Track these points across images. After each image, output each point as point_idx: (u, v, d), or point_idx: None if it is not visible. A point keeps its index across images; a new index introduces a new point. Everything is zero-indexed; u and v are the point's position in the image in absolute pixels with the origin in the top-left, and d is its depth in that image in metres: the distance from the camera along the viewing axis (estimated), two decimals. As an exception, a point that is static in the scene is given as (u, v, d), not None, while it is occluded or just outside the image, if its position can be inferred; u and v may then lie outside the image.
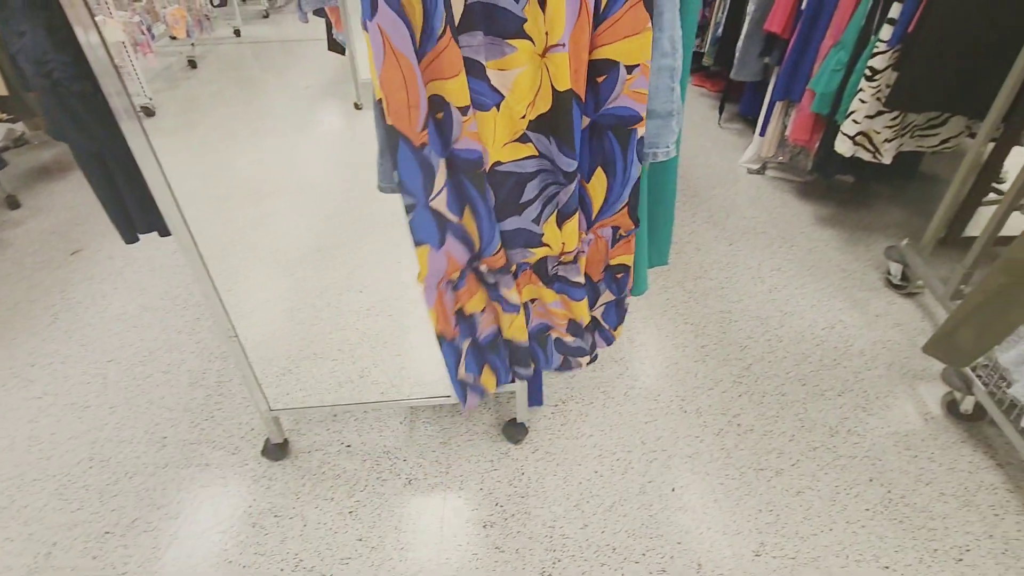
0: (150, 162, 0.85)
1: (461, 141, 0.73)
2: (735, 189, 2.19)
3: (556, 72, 0.70)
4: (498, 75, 0.71)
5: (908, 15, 1.43)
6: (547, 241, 0.86)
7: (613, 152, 0.78)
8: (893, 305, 1.61)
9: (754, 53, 2.11)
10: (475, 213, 0.79)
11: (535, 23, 0.67)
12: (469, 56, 0.69)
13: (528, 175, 0.80)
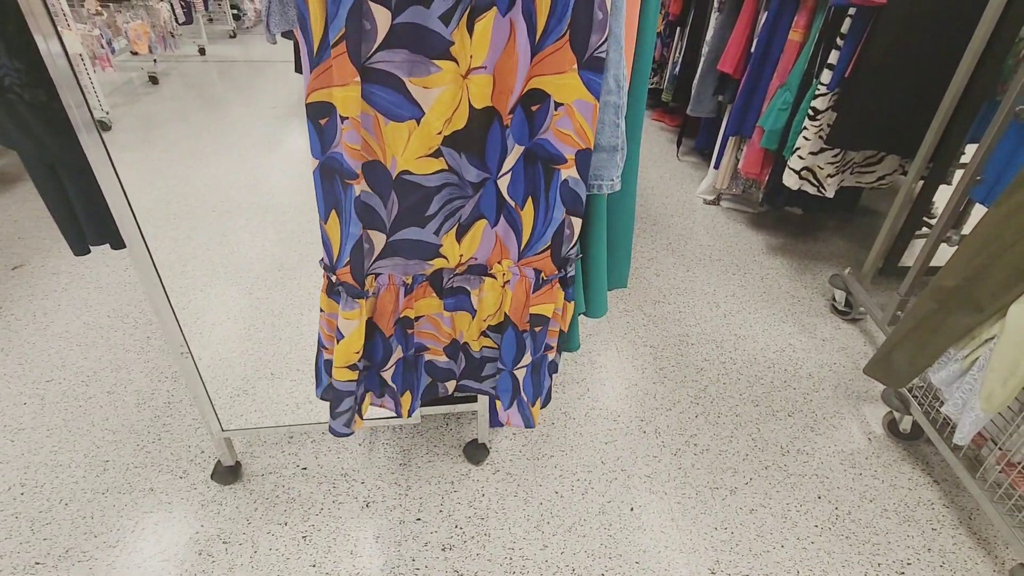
0: (108, 174, 0.83)
1: (338, 147, 0.74)
2: (692, 219, 2.28)
3: (476, 92, 0.73)
4: (420, 91, 0.73)
5: (845, 62, 1.55)
6: (444, 252, 0.87)
7: (539, 188, 0.81)
8: (838, 330, 1.70)
9: (709, 91, 2.23)
10: (340, 217, 0.80)
11: (461, 46, 0.71)
12: (389, 71, 0.71)
13: (434, 188, 0.81)
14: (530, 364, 0.95)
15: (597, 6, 0.68)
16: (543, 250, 0.85)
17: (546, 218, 0.83)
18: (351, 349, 0.88)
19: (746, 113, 1.97)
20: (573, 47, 0.70)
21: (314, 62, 0.69)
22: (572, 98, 0.74)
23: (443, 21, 0.69)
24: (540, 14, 0.69)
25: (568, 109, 0.74)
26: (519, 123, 0.76)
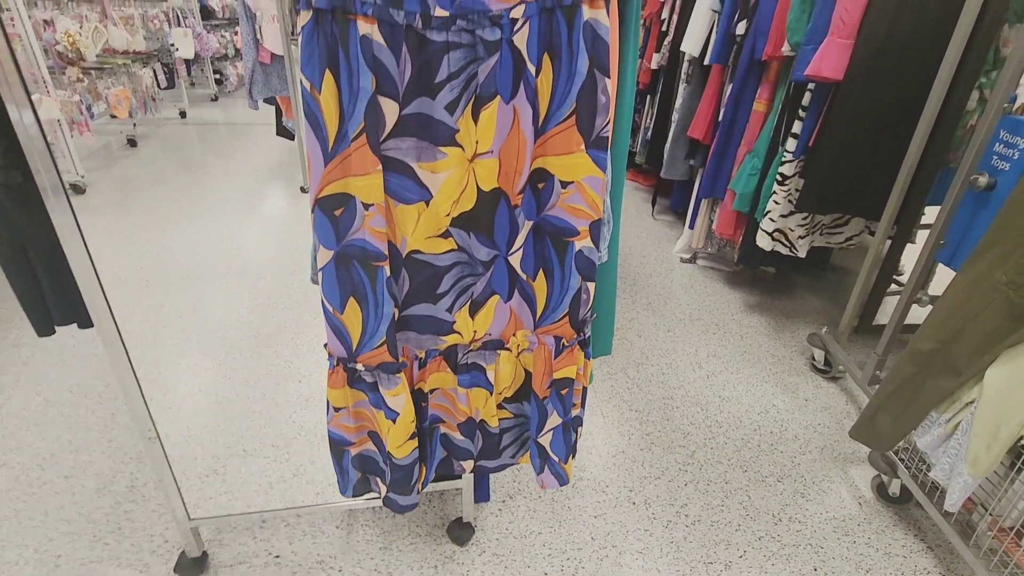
0: (75, 242, 0.81)
1: (359, 232, 0.74)
2: (670, 278, 2.32)
3: (483, 175, 0.75)
4: (428, 175, 0.74)
5: (808, 132, 1.64)
6: (458, 329, 0.87)
7: (551, 260, 0.81)
8: (820, 389, 1.71)
9: (680, 156, 2.32)
10: (362, 305, 0.79)
11: (467, 133, 0.72)
12: (398, 157, 0.73)
13: (445, 268, 0.82)
14: (559, 426, 0.93)
15: (600, 91, 0.71)
16: (561, 317, 0.86)
17: (562, 288, 0.83)
18: (407, 420, 0.86)
19: (717, 177, 2.05)
20: (580, 129, 0.73)
21: (328, 156, 0.69)
22: (582, 175, 0.76)
23: (448, 111, 0.70)
24: (542, 101, 0.72)
25: (579, 186, 0.76)
26: (527, 200, 0.78)
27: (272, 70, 2.94)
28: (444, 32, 0.67)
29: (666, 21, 2.55)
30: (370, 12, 0.64)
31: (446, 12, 0.66)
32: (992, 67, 1.50)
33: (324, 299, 0.79)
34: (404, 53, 0.67)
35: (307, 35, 0.64)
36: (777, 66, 1.81)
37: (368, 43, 0.65)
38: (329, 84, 0.66)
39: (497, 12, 0.67)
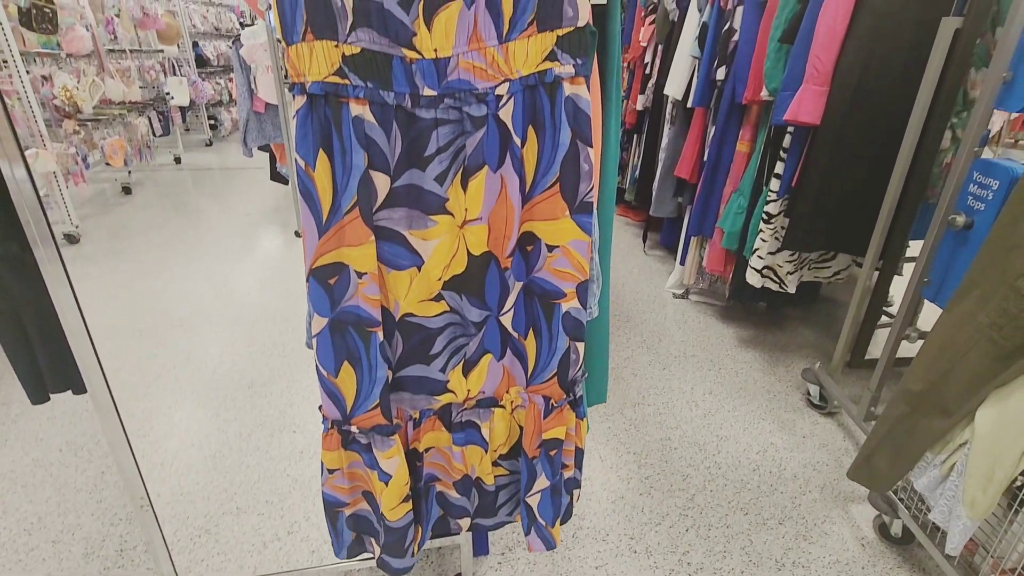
0: (66, 298, 0.81)
1: (353, 299, 0.75)
2: (664, 314, 2.33)
3: (473, 240, 0.77)
4: (419, 243, 0.76)
5: (790, 172, 1.68)
6: (452, 388, 0.87)
7: (540, 320, 0.83)
8: (817, 425, 1.71)
9: (668, 194, 2.37)
10: (356, 368, 0.80)
11: (456, 201, 0.75)
12: (389, 227, 0.75)
13: (438, 330, 0.83)
14: (548, 488, 0.91)
15: (583, 160, 0.74)
16: (550, 377, 0.86)
17: (550, 348, 0.84)
18: (401, 482, 0.86)
19: (705, 215, 2.09)
20: (564, 196, 0.75)
21: (323, 229, 0.71)
22: (568, 239, 0.77)
23: (438, 182, 0.73)
24: (528, 170, 0.74)
25: (564, 250, 0.78)
26: (516, 263, 0.79)
27: (266, 118, 3.00)
28: (433, 110, 0.70)
29: (649, 65, 2.64)
30: (362, 95, 0.67)
31: (434, 92, 0.69)
32: (962, 108, 1.56)
33: (319, 364, 0.80)
34: (395, 130, 0.70)
35: (302, 118, 0.67)
36: (757, 109, 1.87)
37: (360, 123, 0.68)
38: (323, 162, 0.68)
39: (483, 90, 0.70)
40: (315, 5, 0.63)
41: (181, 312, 2.34)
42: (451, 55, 0.68)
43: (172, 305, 2.40)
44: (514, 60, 0.69)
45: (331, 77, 0.66)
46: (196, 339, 2.13)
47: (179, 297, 2.48)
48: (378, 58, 0.66)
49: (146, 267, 2.78)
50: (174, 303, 2.42)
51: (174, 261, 2.86)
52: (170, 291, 2.53)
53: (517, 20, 0.68)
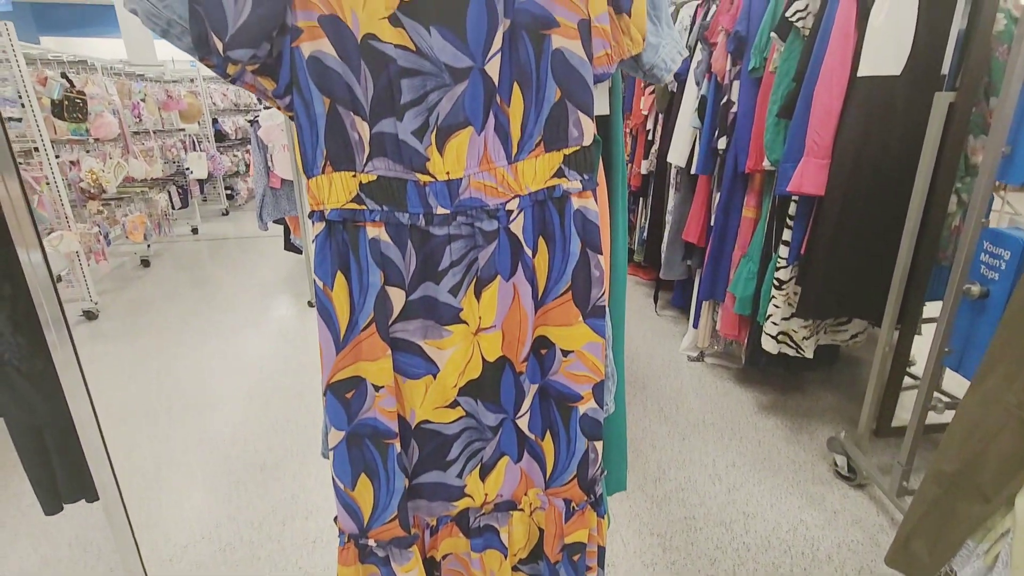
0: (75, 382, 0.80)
1: (370, 412, 0.75)
2: (679, 379, 2.30)
3: (487, 347, 0.77)
4: (434, 351, 0.77)
5: (798, 240, 1.69)
6: (470, 492, 0.85)
7: (557, 423, 0.82)
8: (847, 499, 1.64)
9: (677, 258, 2.39)
10: (373, 480, 0.78)
11: (470, 311, 0.75)
12: (405, 338, 0.75)
13: (454, 435, 0.82)
14: None
15: (593, 267, 0.75)
16: (570, 480, 0.84)
17: (569, 451, 0.83)
18: None
19: (716, 280, 2.09)
20: (577, 303, 0.76)
21: (340, 346, 0.72)
22: (582, 343, 0.78)
23: (452, 293, 0.74)
24: (540, 278, 0.75)
25: (579, 354, 0.78)
26: (531, 366, 0.79)
27: (281, 194, 3.10)
28: (446, 226, 0.72)
29: (651, 131, 2.71)
30: (378, 218, 0.69)
31: (447, 210, 0.71)
32: (965, 173, 1.58)
33: (335, 477, 0.79)
34: (409, 247, 0.71)
35: (321, 242, 0.69)
36: (760, 176, 1.90)
37: (376, 244, 0.70)
38: (341, 283, 0.70)
39: (494, 206, 0.72)
40: (335, 141, 0.67)
41: (195, 390, 2.35)
42: (463, 176, 0.70)
43: (187, 382, 2.41)
44: (523, 178, 0.72)
45: (349, 204, 0.68)
46: (209, 418, 2.13)
47: (193, 373, 2.49)
48: (393, 183, 0.69)
49: (162, 343, 2.82)
50: (188, 380, 2.43)
51: (189, 336, 2.89)
52: (185, 368, 2.55)
53: (525, 143, 0.71)
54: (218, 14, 0.58)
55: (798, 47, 1.61)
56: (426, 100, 0.67)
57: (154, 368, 2.54)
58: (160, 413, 2.17)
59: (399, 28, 0.64)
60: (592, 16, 0.68)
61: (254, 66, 0.63)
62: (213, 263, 4.22)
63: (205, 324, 3.06)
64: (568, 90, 0.70)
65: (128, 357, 2.66)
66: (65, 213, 2.93)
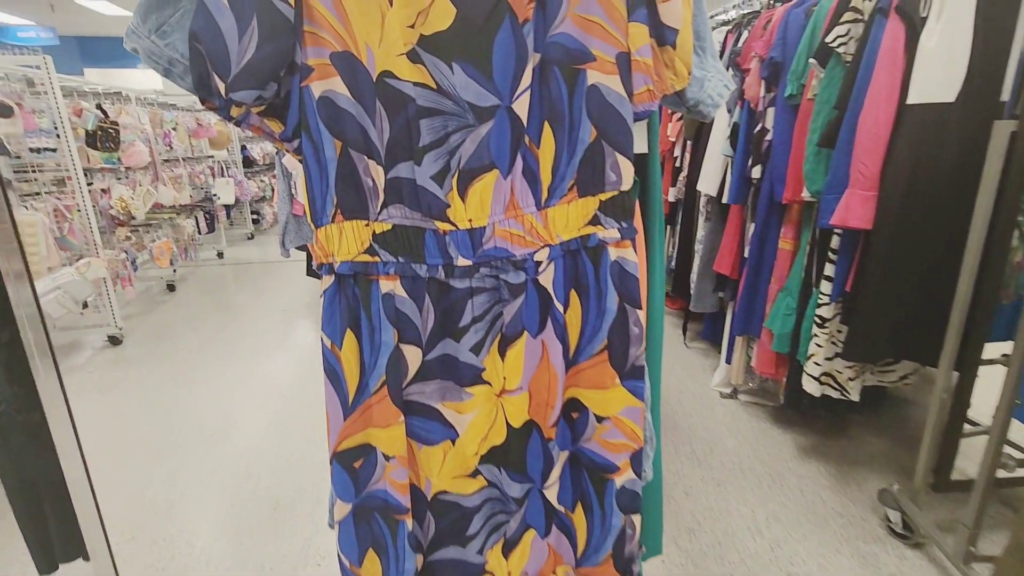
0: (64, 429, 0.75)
1: (380, 483, 0.68)
2: (712, 417, 2.17)
3: (512, 410, 0.69)
4: (454, 415, 0.69)
5: (842, 275, 1.58)
6: (491, 569, 0.77)
7: (590, 495, 0.73)
8: (904, 561, 1.49)
9: (708, 289, 2.28)
10: (381, 558, 0.70)
11: (494, 370, 0.68)
12: (421, 401, 0.68)
13: (474, 508, 0.73)
14: None
15: (632, 323, 0.67)
16: (604, 560, 0.75)
17: (603, 527, 0.74)
18: None
19: (750, 314, 1.98)
20: (613, 363, 0.68)
21: (348, 410, 0.66)
22: (619, 408, 0.69)
23: (474, 352, 0.67)
24: (572, 335, 0.68)
25: (616, 420, 0.70)
26: (561, 431, 0.71)
27: (304, 221, 3.10)
28: (467, 279, 0.65)
29: (679, 158, 2.64)
30: (392, 271, 0.63)
31: (469, 261, 0.64)
32: (1028, 205, 1.45)
33: (340, 552, 0.71)
34: (427, 302, 0.65)
35: (329, 298, 0.63)
36: (798, 207, 1.80)
37: (390, 299, 0.63)
38: (350, 342, 0.64)
39: (521, 257, 0.65)
40: (346, 188, 0.61)
41: (212, 419, 2.31)
42: (487, 224, 0.64)
43: (204, 411, 2.38)
44: (554, 226, 0.65)
45: (361, 256, 0.62)
46: (225, 451, 2.08)
47: (212, 401, 2.46)
48: (410, 233, 0.63)
49: (182, 369, 2.80)
50: (206, 408, 2.40)
51: (210, 361, 2.88)
52: (203, 395, 2.52)
53: (556, 187, 0.64)
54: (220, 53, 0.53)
55: (839, 73, 1.52)
56: (447, 142, 0.61)
57: (173, 395, 2.52)
58: (176, 444, 2.13)
59: (418, 64, 0.59)
60: (632, 49, 0.62)
61: (260, 107, 0.58)
62: (237, 287, 4.25)
63: (226, 350, 3.04)
64: (605, 130, 0.63)
65: (149, 383, 2.65)
66: (94, 240, 2.97)
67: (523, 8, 0.58)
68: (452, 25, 0.58)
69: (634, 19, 0.60)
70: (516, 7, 0.58)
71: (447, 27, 0.57)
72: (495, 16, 0.58)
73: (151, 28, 0.55)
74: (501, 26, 0.58)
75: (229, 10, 0.52)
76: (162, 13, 0.55)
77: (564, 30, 0.60)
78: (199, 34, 0.52)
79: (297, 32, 0.55)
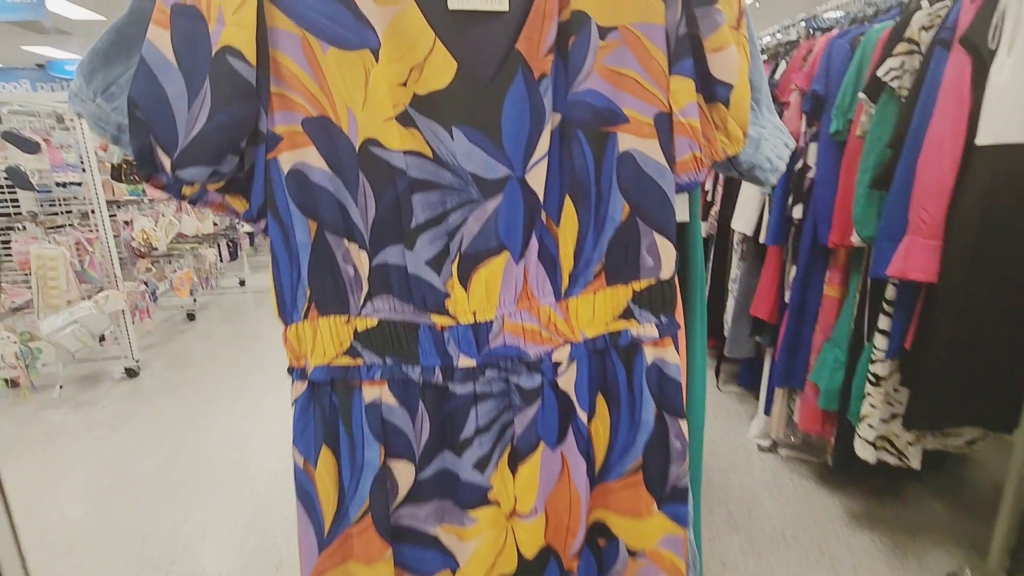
0: None
1: None
2: (750, 474, 2.00)
3: (525, 537, 0.56)
4: (454, 542, 0.57)
5: (900, 330, 1.42)
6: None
7: None
8: (982, 663, 1.29)
9: (744, 333, 2.12)
10: None
11: (503, 488, 0.56)
12: (413, 526, 0.56)
13: None
14: None
15: (673, 437, 0.54)
16: None
17: None
18: None
19: (792, 366, 1.82)
20: (650, 486, 0.55)
21: (324, 542, 0.54)
22: (656, 539, 0.56)
23: (478, 468, 0.54)
24: (598, 448, 0.55)
25: (653, 554, 0.56)
26: (585, 564, 0.58)
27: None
28: (470, 383, 0.53)
29: (710, 192, 2.50)
30: (378, 375, 0.52)
31: (473, 362, 0.53)
32: (1118, 256, 1.28)
33: None
34: (421, 411, 0.53)
35: (301, 408, 0.52)
36: (846, 251, 1.65)
37: (376, 409, 0.52)
38: (327, 461, 0.53)
39: (536, 357, 0.53)
40: (322, 278, 0.50)
41: (222, 458, 2.23)
42: (494, 318, 0.52)
43: (215, 451, 2.30)
44: (577, 320, 0.53)
45: (340, 359, 0.51)
46: (232, 497, 1.99)
47: (223, 441, 2.38)
48: (400, 329, 0.52)
49: (197, 404, 2.75)
50: (217, 448, 2.32)
51: (225, 394, 2.82)
52: (216, 434, 2.44)
53: (580, 274, 0.53)
54: (165, 122, 0.44)
55: (893, 109, 1.39)
56: (446, 221, 0.50)
57: (185, 434, 2.45)
58: (183, 488, 2.05)
59: (411, 129, 0.49)
60: (675, 108, 0.51)
61: (218, 184, 0.48)
62: (257, 315, 4.22)
63: (241, 382, 2.99)
64: (640, 205, 0.52)
65: (161, 420, 2.59)
66: (114, 272, 2.97)
67: (539, 60, 0.48)
68: (453, 82, 0.48)
69: (677, 71, 0.49)
70: (531, 59, 0.48)
71: (446, 85, 0.48)
72: (505, 70, 0.48)
73: (96, 90, 0.47)
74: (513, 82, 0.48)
75: (177, 70, 0.43)
76: (109, 72, 0.47)
77: (590, 86, 0.49)
78: (139, 100, 0.43)
79: (261, 95, 0.46)
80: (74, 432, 2.50)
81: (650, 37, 0.49)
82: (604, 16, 0.49)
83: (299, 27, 0.45)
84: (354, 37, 0.46)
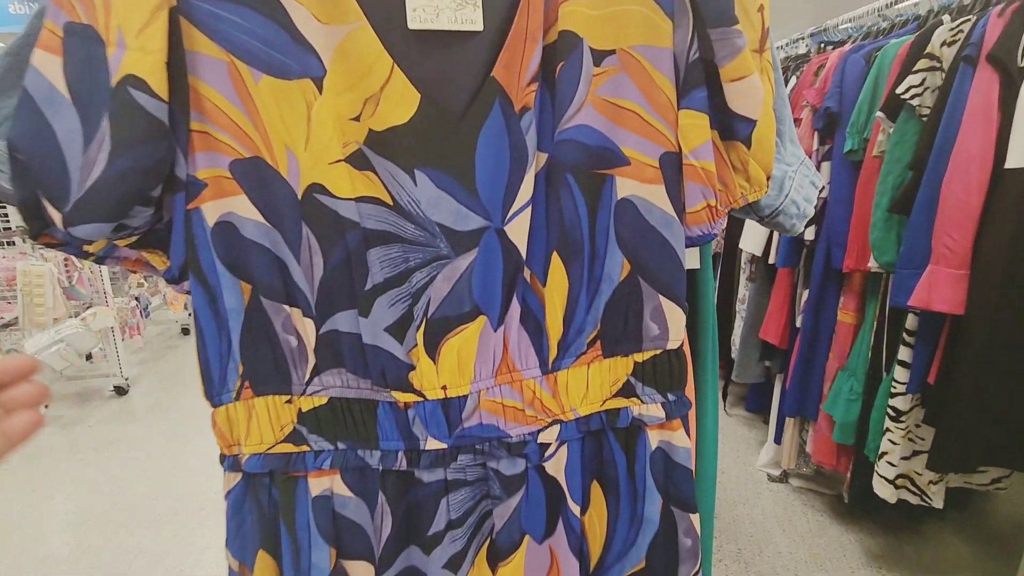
0: None
1: None
2: (759, 507, 1.90)
3: None
4: None
5: (922, 363, 1.33)
6: None
7: None
8: None
9: (753, 357, 2.03)
10: None
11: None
12: None
13: None
14: None
15: (682, 533, 0.46)
16: None
17: None
18: None
19: (805, 394, 1.72)
20: None
21: None
22: None
23: (451, 569, 0.45)
24: (593, 546, 0.47)
25: None
26: None
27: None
28: (440, 469, 0.45)
29: (715, 208, 2.42)
30: (328, 464, 0.43)
31: (443, 444, 0.44)
32: None
33: None
34: (381, 502, 0.45)
35: (234, 503, 0.44)
36: (861, 276, 1.56)
37: (326, 503, 0.44)
38: (265, 567, 0.44)
39: (518, 439, 0.45)
40: (257, 350, 0.42)
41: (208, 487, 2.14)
42: (468, 393, 0.44)
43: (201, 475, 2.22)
44: (567, 396, 0.45)
45: (280, 446, 0.43)
46: (215, 527, 1.89)
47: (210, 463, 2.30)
48: (355, 408, 0.43)
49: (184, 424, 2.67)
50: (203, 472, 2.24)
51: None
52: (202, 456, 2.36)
53: (570, 342, 0.44)
54: (54, 168, 0.35)
55: (914, 129, 1.31)
56: (408, 280, 0.42)
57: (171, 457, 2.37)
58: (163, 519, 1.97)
59: (366, 172, 0.40)
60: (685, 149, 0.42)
61: (129, 240, 0.40)
62: (252, 331, 4.15)
63: (231, 406, 2.90)
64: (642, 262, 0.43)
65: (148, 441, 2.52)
66: (104, 289, 2.90)
67: (521, 91, 0.40)
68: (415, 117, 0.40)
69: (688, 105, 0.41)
70: (510, 89, 0.40)
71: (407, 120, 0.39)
72: (480, 103, 0.40)
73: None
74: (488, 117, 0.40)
75: (70, 104, 0.35)
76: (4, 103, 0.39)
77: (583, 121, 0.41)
78: (21, 141, 0.35)
79: (178, 134, 0.38)
80: (59, 454, 2.41)
81: (655, 63, 0.41)
82: (599, 38, 0.41)
83: (225, 51, 0.37)
84: (293, 64, 0.38)
